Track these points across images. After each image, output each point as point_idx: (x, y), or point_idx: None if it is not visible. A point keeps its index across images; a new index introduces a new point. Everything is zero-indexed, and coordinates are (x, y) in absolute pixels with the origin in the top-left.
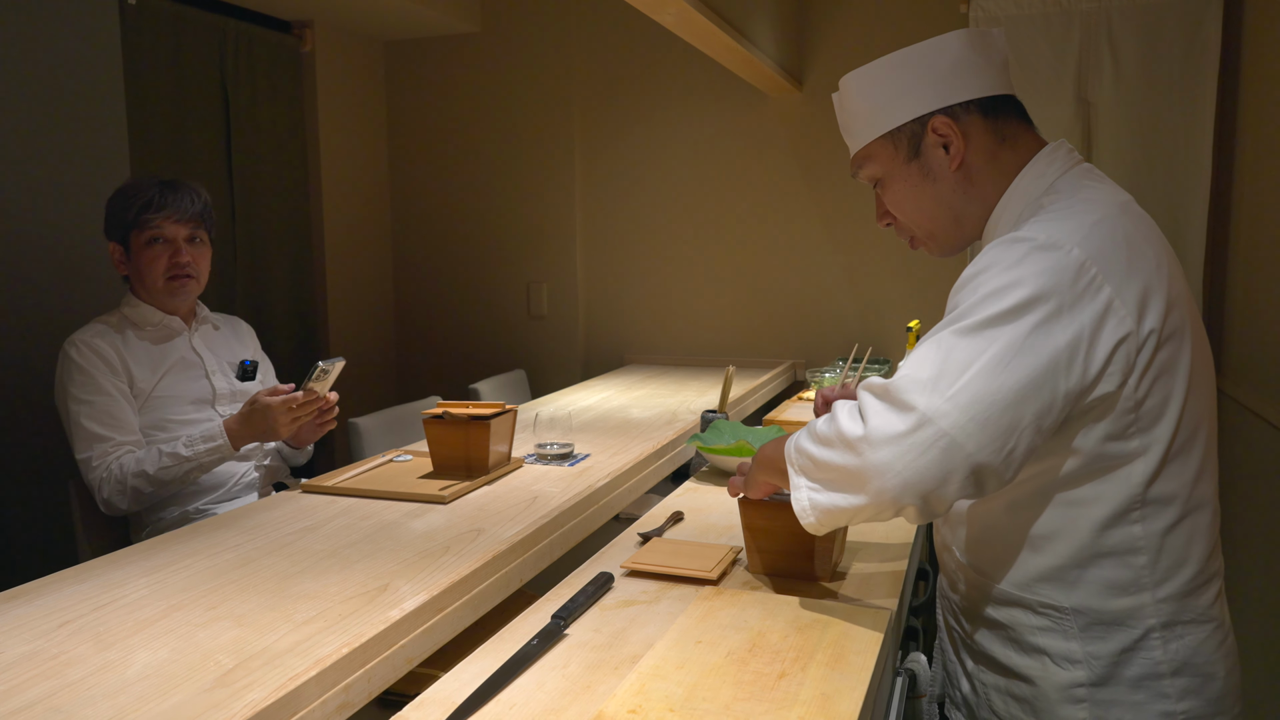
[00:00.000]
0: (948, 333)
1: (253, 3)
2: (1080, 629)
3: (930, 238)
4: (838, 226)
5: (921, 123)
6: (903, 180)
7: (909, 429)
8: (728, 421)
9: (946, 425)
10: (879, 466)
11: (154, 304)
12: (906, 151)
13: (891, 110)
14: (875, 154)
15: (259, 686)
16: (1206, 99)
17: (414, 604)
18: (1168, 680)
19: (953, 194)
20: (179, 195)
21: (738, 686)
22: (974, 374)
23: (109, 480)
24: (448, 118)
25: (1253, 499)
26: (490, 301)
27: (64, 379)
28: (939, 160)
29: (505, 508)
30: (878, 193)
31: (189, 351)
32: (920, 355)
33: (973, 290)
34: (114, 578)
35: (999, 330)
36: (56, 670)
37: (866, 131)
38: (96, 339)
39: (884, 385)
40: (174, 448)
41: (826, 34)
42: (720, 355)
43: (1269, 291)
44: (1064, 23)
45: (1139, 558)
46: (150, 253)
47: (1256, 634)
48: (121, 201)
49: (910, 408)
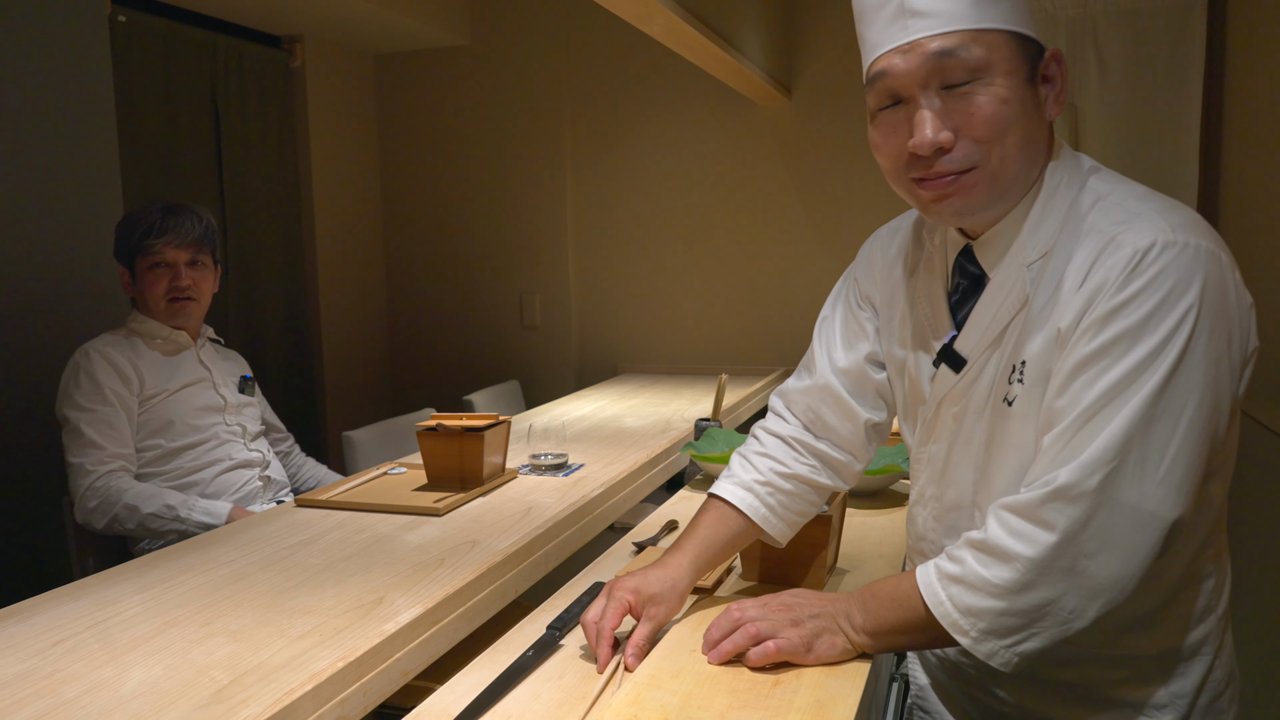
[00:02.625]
0: (1138, 401)
1: (243, 18)
2: (1160, 671)
3: (999, 170)
4: (828, 233)
5: (1042, 51)
6: (1015, 91)
7: (1128, 529)
8: (721, 429)
9: (1163, 511)
10: (1094, 576)
11: (159, 321)
12: (1028, 69)
13: (1028, 17)
14: (999, 46)
15: (254, 702)
16: (1192, 104)
17: (409, 617)
18: (1225, 697)
19: (1032, 142)
20: (180, 220)
21: (733, 694)
22: (1179, 444)
23: (95, 494)
24: (438, 130)
25: (1247, 502)
26: (483, 313)
27: (70, 385)
28: (1046, 99)
29: (500, 519)
30: (962, 93)
31: (197, 365)
32: (1103, 437)
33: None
34: (108, 595)
35: (1188, 378)
36: (51, 689)
37: (1001, 14)
38: (109, 348)
39: (1063, 487)
40: (174, 504)
41: (815, 43)
42: (713, 363)
43: (1257, 296)
44: (1050, 29)
45: (1210, 581)
46: (152, 276)
47: (1255, 635)
48: (126, 228)
49: (1119, 508)
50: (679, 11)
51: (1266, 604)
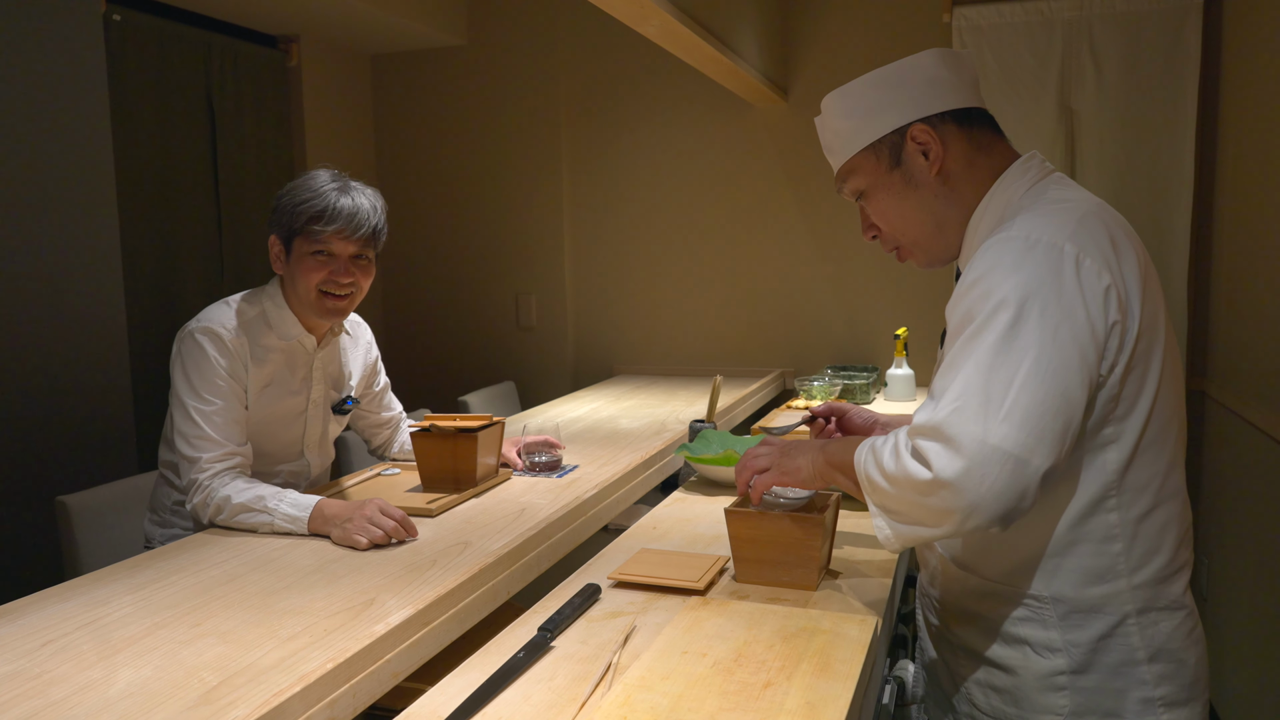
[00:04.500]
0: (979, 352)
1: (238, 17)
2: (1059, 617)
3: (915, 246)
4: (824, 235)
5: (901, 133)
6: (886, 190)
7: (974, 462)
8: (716, 431)
9: (1009, 447)
10: (955, 503)
11: (300, 313)
12: (888, 161)
13: (872, 123)
14: (859, 167)
15: (243, 703)
16: (1188, 105)
17: (400, 618)
18: (1144, 666)
19: (934, 199)
20: (356, 209)
21: (723, 697)
22: (1019, 389)
23: (202, 490)
24: (434, 130)
25: (1236, 498)
26: (479, 313)
27: (186, 370)
28: (920, 167)
29: (493, 520)
30: (862, 206)
31: (303, 381)
32: (960, 383)
33: (983, 297)
34: (98, 595)
35: (1025, 338)
36: (39, 690)
37: (849, 146)
38: (228, 336)
39: (934, 425)
40: (264, 494)
41: (811, 44)
42: (708, 365)
43: (1252, 296)
44: (1046, 31)
45: (1115, 545)
46: (312, 263)
47: (1239, 628)
48: (294, 202)
49: (968, 441)
50: (674, 13)
51: (1248, 595)
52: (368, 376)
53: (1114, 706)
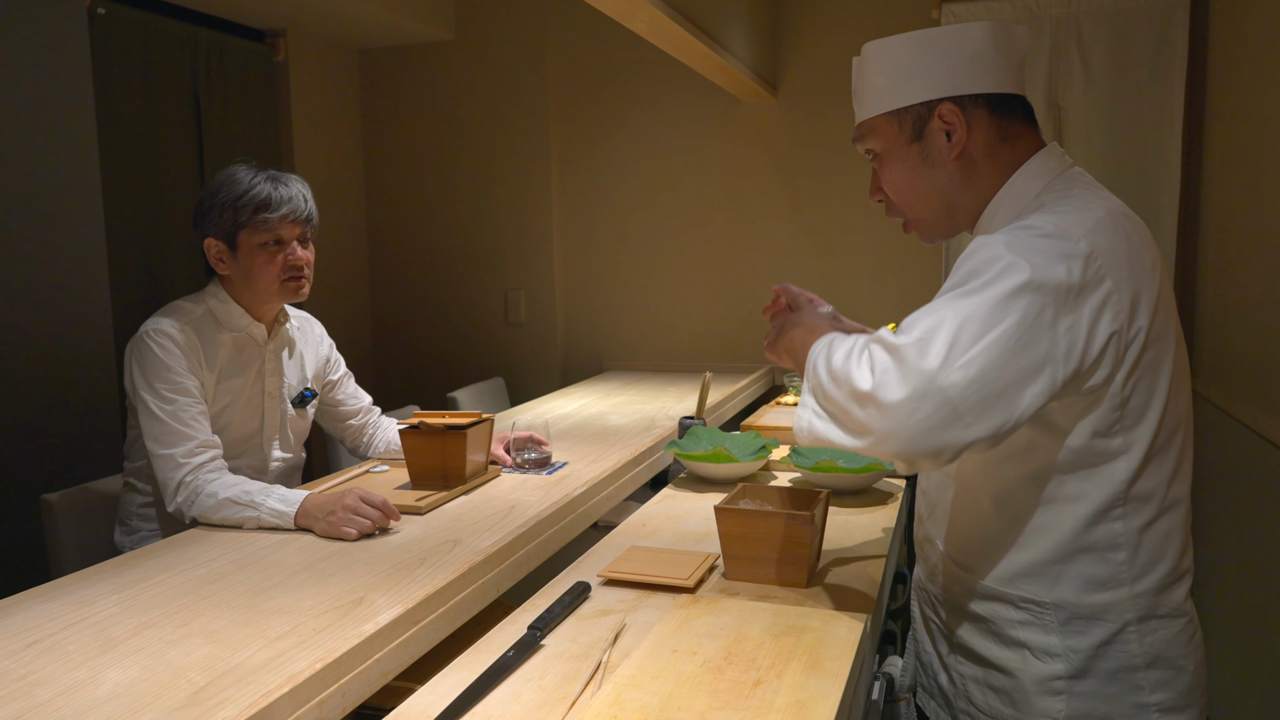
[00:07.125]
0: (965, 299)
1: (225, 11)
2: (1060, 623)
3: (920, 221)
4: (814, 231)
5: (929, 107)
6: (902, 161)
7: (913, 394)
8: (705, 428)
9: (953, 395)
10: (877, 423)
11: (249, 307)
12: (910, 132)
13: (904, 89)
14: (879, 129)
15: (231, 704)
16: (1175, 102)
17: (389, 617)
18: (1142, 673)
19: (948, 182)
20: (291, 193)
21: (713, 695)
22: (985, 346)
23: (185, 488)
24: (423, 125)
25: (1224, 496)
26: (468, 309)
27: (144, 371)
28: (940, 146)
29: (482, 517)
30: (875, 167)
31: (257, 373)
32: (935, 318)
33: (989, 261)
34: (84, 595)
35: (1013, 306)
36: (25, 691)
37: (875, 105)
38: (179, 334)
39: (897, 345)
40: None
41: (800, 40)
42: (698, 361)
43: (1238, 292)
44: (1034, 28)
45: (1118, 554)
46: (264, 255)
47: (1226, 628)
48: (229, 198)
49: (919, 372)
50: (664, 8)
51: (1237, 597)
52: (323, 367)
53: (1109, 711)
